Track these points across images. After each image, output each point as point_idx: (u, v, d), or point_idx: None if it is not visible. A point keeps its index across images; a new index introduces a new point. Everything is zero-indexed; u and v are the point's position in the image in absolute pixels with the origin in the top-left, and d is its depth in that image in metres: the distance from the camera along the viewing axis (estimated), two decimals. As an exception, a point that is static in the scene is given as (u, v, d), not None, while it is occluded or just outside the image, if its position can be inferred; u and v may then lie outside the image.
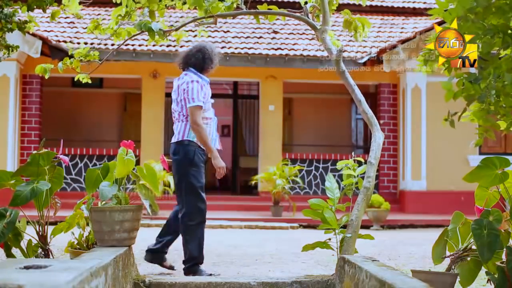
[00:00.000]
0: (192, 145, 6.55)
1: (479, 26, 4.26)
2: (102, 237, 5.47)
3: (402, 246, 10.15)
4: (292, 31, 17.21)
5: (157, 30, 6.79)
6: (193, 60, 6.76)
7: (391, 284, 3.83)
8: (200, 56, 6.76)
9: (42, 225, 5.58)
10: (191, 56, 6.79)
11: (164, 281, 5.76)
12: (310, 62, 16.00)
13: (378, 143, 6.26)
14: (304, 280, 5.89)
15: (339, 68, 6.58)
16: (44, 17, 15.57)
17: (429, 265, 7.10)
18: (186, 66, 6.79)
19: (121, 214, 5.45)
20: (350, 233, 5.87)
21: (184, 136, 6.58)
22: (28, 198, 5.31)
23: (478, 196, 4.87)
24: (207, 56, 6.77)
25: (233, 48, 16.02)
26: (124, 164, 5.53)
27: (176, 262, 7.39)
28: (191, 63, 6.77)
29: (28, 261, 4.08)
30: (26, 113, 16.23)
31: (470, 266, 4.62)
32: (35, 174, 5.51)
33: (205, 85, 6.69)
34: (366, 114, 6.44)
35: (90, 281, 3.60)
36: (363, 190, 6.07)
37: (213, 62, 6.81)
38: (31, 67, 13.81)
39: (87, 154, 16.61)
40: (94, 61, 7.56)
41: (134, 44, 15.49)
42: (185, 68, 6.80)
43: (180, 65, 6.85)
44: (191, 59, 6.78)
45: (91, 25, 7.57)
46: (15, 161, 15.64)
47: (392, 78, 16.95)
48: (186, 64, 6.79)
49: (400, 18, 18.39)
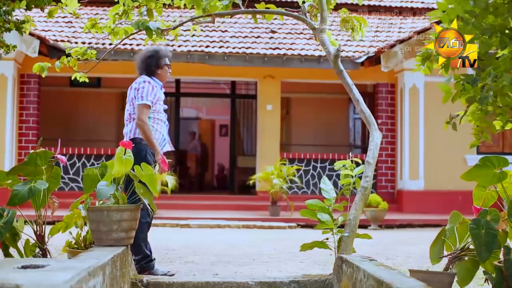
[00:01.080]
0: (143, 143, 6.55)
1: (477, 26, 4.26)
2: (100, 237, 5.47)
3: (400, 246, 10.16)
4: (290, 30, 17.20)
5: (155, 29, 6.79)
6: (143, 65, 6.83)
7: (389, 284, 3.83)
8: (149, 61, 6.80)
9: (40, 225, 5.57)
10: (142, 61, 6.85)
11: (162, 281, 5.76)
12: (308, 61, 16.00)
13: (376, 143, 6.26)
14: (302, 280, 5.89)
15: (337, 68, 6.58)
16: (42, 16, 15.56)
17: (427, 264, 7.10)
18: (139, 71, 6.87)
19: (119, 214, 5.44)
20: (347, 232, 5.87)
21: (135, 134, 6.59)
22: (25, 198, 5.30)
23: (476, 195, 4.87)
24: (155, 61, 6.80)
25: (231, 48, 16.02)
26: (122, 163, 5.53)
27: (173, 262, 7.38)
28: (142, 68, 6.83)
29: (25, 260, 4.08)
30: (24, 113, 16.22)
31: (467, 265, 4.62)
32: (33, 173, 5.51)
33: (156, 87, 6.73)
34: (364, 113, 6.44)
35: (88, 281, 3.60)
36: (360, 190, 6.07)
37: (159, 66, 6.82)
38: (29, 67, 13.81)
39: (85, 154, 16.60)
40: (91, 60, 7.55)
41: (132, 44, 15.48)
42: (140, 72, 6.86)
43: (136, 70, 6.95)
44: (142, 64, 6.84)
45: (88, 23, 7.56)
46: (13, 161, 15.62)
47: (390, 78, 16.95)
48: (139, 69, 6.87)
49: (398, 17, 18.39)
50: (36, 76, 15.96)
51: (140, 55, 6.99)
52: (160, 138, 6.70)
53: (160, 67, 6.83)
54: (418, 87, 16.31)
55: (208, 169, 22.99)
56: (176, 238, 9.94)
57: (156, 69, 6.82)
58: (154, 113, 6.66)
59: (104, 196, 5.46)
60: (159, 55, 6.84)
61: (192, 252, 8.73)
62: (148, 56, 6.84)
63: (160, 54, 6.84)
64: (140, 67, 6.86)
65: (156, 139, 6.58)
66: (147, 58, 6.83)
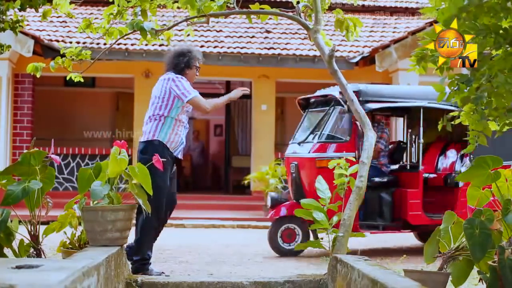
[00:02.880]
0: (162, 146, 6.51)
1: (471, 26, 4.26)
2: (94, 237, 5.46)
3: (395, 245, 10.18)
4: (284, 30, 17.21)
5: (149, 30, 6.78)
6: (174, 62, 6.79)
7: (383, 284, 3.84)
8: (181, 59, 6.77)
9: (34, 225, 5.56)
10: (174, 58, 6.81)
11: (157, 281, 5.76)
12: (302, 61, 16.01)
13: (370, 143, 6.27)
14: (297, 280, 5.90)
15: (332, 68, 6.58)
16: (36, 16, 15.54)
17: (421, 264, 7.12)
18: (167, 66, 6.84)
19: (113, 214, 5.44)
20: (342, 232, 5.88)
21: (155, 135, 6.55)
22: (19, 198, 5.30)
23: (470, 195, 4.88)
24: (187, 60, 6.78)
25: (226, 48, 16.01)
26: (117, 163, 5.53)
27: (168, 261, 7.38)
28: (172, 65, 6.79)
29: (20, 260, 4.07)
30: (18, 113, 16.19)
31: (462, 265, 4.63)
32: (27, 173, 5.50)
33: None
34: (358, 113, 6.45)
35: (82, 281, 3.60)
36: (355, 190, 6.08)
37: (190, 66, 6.80)
38: (23, 67, 13.76)
39: (79, 154, 16.58)
40: (86, 60, 7.54)
41: (126, 44, 15.47)
42: (168, 69, 6.84)
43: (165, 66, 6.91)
44: (172, 60, 6.80)
45: (83, 24, 7.55)
46: (7, 161, 15.59)
47: (385, 78, 16.96)
48: (168, 66, 6.84)
49: (392, 18, 18.41)
50: (31, 76, 15.93)
51: (172, 51, 6.93)
52: (179, 141, 6.66)
53: (190, 67, 6.80)
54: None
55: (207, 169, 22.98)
56: (170, 238, 9.93)
57: (186, 68, 6.78)
58: (180, 114, 6.64)
59: (98, 196, 5.45)
60: (191, 55, 6.80)
61: (187, 252, 8.74)
62: (180, 54, 6.79)
63: (192, 54, 6.81)
64: (170, 64, 6.81)
65: (174, 141, 6.57)
66: (178, 55, 6.78)
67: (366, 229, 8.72)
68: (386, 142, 9.22)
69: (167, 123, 6.56)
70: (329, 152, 8.53)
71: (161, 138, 6.52)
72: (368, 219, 8.82)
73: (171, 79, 6.64)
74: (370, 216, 8.82)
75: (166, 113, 6.58)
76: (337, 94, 8.76)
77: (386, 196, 8.75)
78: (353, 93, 6.54)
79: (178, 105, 6.60)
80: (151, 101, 6.71)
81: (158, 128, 6.55)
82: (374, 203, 8.83)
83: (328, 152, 8.52)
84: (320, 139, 8.64)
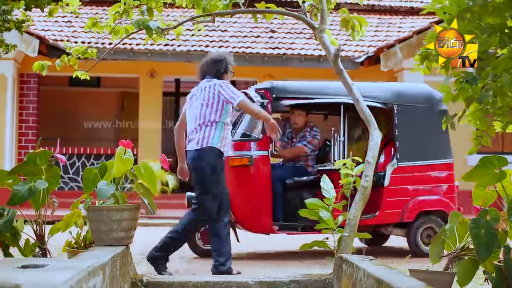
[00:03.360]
0: (217, 151, 6.68)
1: (476, 25, 4.26)
2: (100, 236, 5.47)
3: (400, 244, 10.16)
4: (289, 30, 17.19)
5: (155, 28, 6.79)
6: (214, 69, 6.95)
7: (388, 283, 3.83)
8: (219, 65, 6.96)
9: (40, 225, 5.57)
10: (212, 64, 6.97)
11: (162, 281, 5.76)
12: (307, 61, 16.00)
13: (376, 142, 6.26)
14: (302, 279, 5.89)
15: (337, 67, 6.58)
16: (42, 16, 15.56)
17: (426, 264, 7.11)
18: (206, 73, 6.98)
19: (119, 213, 5.44)
20: (347, 232, 5.87)
21: (209, 142, 6.66)
22: (25, 197, 5.31)
23: (475, 195, 4.87)
24: (224, 65, 6.98)
25: (231, 47, 16.00)
26: (122, 163, 5.53)
27: (173, 261, 7.37)
28: (212, 71, 6.95)
29: (25, 260, 4.08)
30: (24, 112, 16.21)
31: (467, 265, 4.62)
32: (32, 173, 5.51)
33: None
34: (364, 113, 6.44)
35: (88, 280, 3.60)
36: (360, 189, 6.08)
37: (227, 71, 7.01)
38: (28, 66, 13.78)
39: (85, 153, 16.59)
40: (91, 59, 7.56)
41: (131, 43, 15.47)
42: (203, 75, 6.99)
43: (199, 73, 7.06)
44: (212, 67, 6.96)
45: (89, 22, 7.56)
46: (13, 161, 15.62)
47: (390, 78, 16.92)
48: (207, 72, 6.98)
49: (397, 17, 18.39)
50: (36, 76, 15.96)
51: (208, 59, 7.07)
52: (228, 144, 6.91)
53: (227, 71, 7.01)
54: (417, 86, 16.28)
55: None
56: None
57: (224, 73, 6.97)
58: (228, 118, 6.84)
59: (104, 195, 5.46)
60: (227, 60, 7.01)
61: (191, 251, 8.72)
62: (217, 60, 6.97)
63: (228, 60, 7.03)
64: (210, 71, 6.96)
65: (225, 145, 6.78)
66: (216, 62, 6.96)
67: (282, 231, 8.49)
68: (314, 147, 8.83)
69: (218, 128, 6.71)
70: (242, 151, 8.28)
71: (215, 144, 6.65)
72: (289, 220, 8.48)
73: (218, 85, 6.79)
74: (291, 217, 8.48)
75: (217, 119, 6.71)
76: (252, 93, 8.49)
77: (307, 196, 8.42)
78: (358, 93, 6.53)
79: (227, 109, 6.78)
80: (198, 110, 6.78)
81: (211, 134, 6.68)
82: (296, 204, 8.49)
83: (241, 151, 8.24)
84: (234, 138, 8.33)
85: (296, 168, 8.72)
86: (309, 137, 8.70)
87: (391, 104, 8.68)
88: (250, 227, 8.16)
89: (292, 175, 8.62)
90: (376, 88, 8.89)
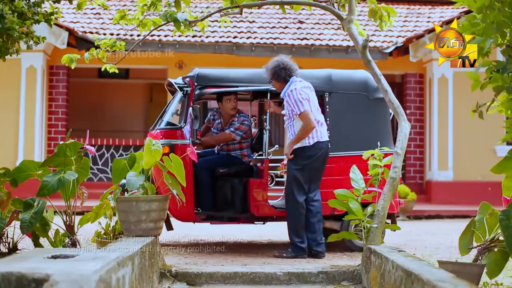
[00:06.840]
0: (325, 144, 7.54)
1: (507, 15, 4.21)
2: (129, 227, 5.50)
3: (429, 237, 10.11)
4: (317, 21, 17.15)
5: (183, 21, 6.80)
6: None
7: (417, 275, 3.82)
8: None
9: (69, 215, 5.63)
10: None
11: (191, 271, 5.79)
12: (336, 52, 15.94)
13: (405, 133, 6.23)
14: (330, 271, 5.89)
15: (365, 58, 6.56)
16: (70, 8, 15.65)
17: (455, 255, 7.06)
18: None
19: (148, 204, 5.47)
20: (376, 223, 5.86)
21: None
22: (55, 188, 5.36)
23: (505, 186, 4.83)
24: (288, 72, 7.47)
25: (259, 39, 16.00)
26: (151, 154, 5.56)
27: (201, 252, 7.39)
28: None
29: (55, 250, 4.12)
30: (53, 104, 16.34)
31: (497, 257, 4.59)
32: (62, 164, 5.56)
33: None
34: (392, 104, 6.42)
35: (117, 271, 3.63)
36: (389, 181, 6.05)
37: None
38: (57, 58, 13.90)
39: (113, 145, 16.69)
40: (120, 51, 7.59)
41: (160, 35, 15.52)
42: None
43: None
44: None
45: (117, 15, 7.59)
46: (42, 152, 15.76)
47: (419, 68, 16.84)
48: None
49: (426, 7, 18.26)
50: (65, 68, 16.07)
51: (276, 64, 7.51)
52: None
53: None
54: (447, 77, 16.18)
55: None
56: (204, 229, 9.96)
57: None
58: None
59: (133, 186, 5.49)
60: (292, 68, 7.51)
61: (220, 242, 8.75)
62: (283, 68, 7.41)
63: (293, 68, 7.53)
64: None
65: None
66: (281, 69, 7.41)
67: (206, 220, 8.28)
68: (244, 133, 8.61)
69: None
70: (164, 139, 8.00)
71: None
72: (219, 209, 8.31)
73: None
74: (222, 206, 8.32)
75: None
76: (179, 81, 8.25)
77: (236, 186, 8.23)
78: (387, 84, 6.50)
79: None
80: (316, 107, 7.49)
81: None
82: (226, 193, 8.36)
83: (163, 139, 7.98)
84: (159, 126, 8.14)
85: (230, 157, 8.53)
86: (237, 123, 8.43)
87: (321, 91, 8.31)
88: (176, 215, 8.03)
89: (225, 164, 8.44)
90: (310, 75, 8.50)
